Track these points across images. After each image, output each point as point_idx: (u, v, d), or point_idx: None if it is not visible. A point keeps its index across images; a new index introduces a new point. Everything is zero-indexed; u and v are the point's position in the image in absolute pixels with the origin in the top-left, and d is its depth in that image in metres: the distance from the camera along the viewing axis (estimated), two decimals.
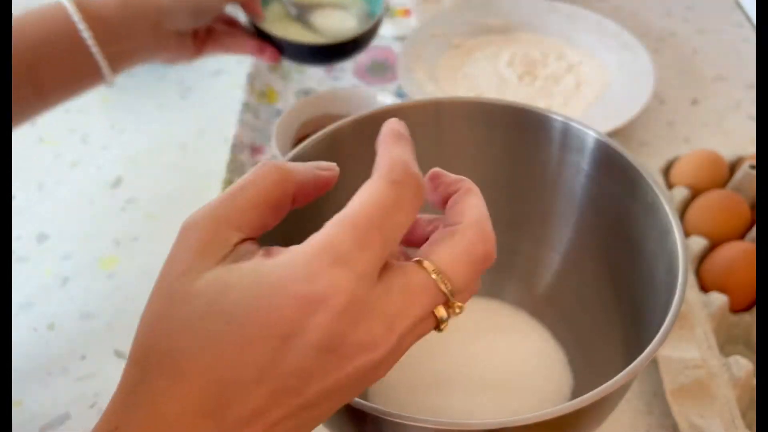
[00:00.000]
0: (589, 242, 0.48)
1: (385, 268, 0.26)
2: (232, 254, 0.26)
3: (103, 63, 0.49)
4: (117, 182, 0.71)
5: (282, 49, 0.66)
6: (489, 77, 0.76)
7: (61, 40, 0.47)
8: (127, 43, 0.52)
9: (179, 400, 0.23)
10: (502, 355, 0.49)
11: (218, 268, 0.25)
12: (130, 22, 0.52)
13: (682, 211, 0.59)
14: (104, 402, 0.52)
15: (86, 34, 0.47)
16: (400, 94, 0.75)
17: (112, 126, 0.77)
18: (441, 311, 0.27)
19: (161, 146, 0.74)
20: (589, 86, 0.74)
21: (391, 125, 0.29)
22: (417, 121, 0.41)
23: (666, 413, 0.49)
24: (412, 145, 0.28)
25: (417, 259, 0.27)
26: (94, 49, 0.49)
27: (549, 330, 0.50)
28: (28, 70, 0.46)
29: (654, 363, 0.50)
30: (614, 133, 0.66)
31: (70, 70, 0.49)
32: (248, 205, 0.27)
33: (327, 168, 0.30)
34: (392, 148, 0.27)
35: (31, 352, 0.56)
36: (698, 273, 0.55)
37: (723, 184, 0.61)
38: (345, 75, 0.81)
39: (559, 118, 0.45)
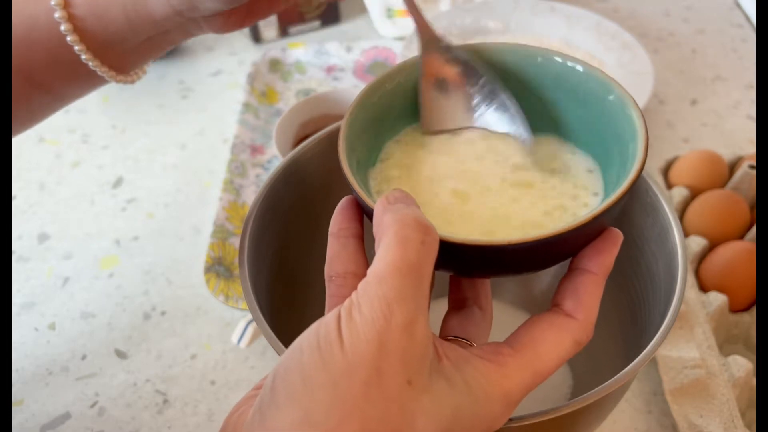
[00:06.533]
0: None
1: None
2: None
3: (109, 74, 0.43)
4: (117, 182, 0.71)
5: None
6: None
7: (61, 55, 0.42)
8: (139, 40, 0.43)
9: None
10: None
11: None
12: (135, 28, 0.42)
13: (682, 211, 0.59)
14: (104, 401, 0.53)
15: (85, 56, 0.41)
16: None
17: (113, 126, 0.77)
18: None
19: (161, 146, 0.74)
20: None
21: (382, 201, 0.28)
22: None
23: (665, 413, 0.49)
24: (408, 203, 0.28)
25: (512, 352, 0.27)
26: (99, 71, 0.43)
27: None
28: (38, 86, 0.43)
29: (653, 362, 0.50)
30: None
31: (78, 78, 0.44)
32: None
33: None
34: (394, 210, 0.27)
35: (32, 352, 0.56)
36: (698, 273, 0.55)
37: (722, 184, 0.61)
38: (345, 75, 0.81)
39: None
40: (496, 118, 0.35)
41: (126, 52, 0.43)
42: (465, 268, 0.30)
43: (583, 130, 0.34)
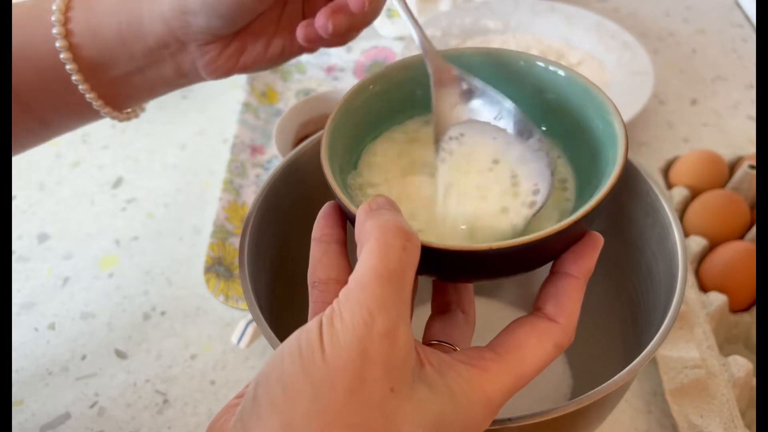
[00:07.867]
0: None
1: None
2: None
3: (97, 103, 0.43)
4: (117, 182, 0.71)
5: None
6: None
7: (52, 76, 0.41)
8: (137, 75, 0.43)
9: None
10: None
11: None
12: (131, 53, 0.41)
13: (682, 211, 0.59)
14: (104, 401, 0.53)
15: (76, 77, 0.41)
16: None
17: (113, 126, 0.77)
18: None
19: (161, 146, 0.74)
20: None
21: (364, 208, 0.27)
22: None
23: (665, 413, 0.49)
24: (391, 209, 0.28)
25: (494, 357, 0.27)
26: (88, 96, 0.42)
27: None
28: (27, 109, 0.42)
29: (653, 363, 0.50)
30: None
31: (68, 106, 0.43)
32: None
33: None
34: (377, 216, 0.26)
35: (32, 352, 0.56)
36: (698, 273, 0.55)
37: (722, 184, 0.61)
38: (345, 75, 0.81)
39: None
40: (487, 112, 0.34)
41: (117, 79, 0.42)
42: (448, 273, 0.30)
43: (564, 135, 0.34)
